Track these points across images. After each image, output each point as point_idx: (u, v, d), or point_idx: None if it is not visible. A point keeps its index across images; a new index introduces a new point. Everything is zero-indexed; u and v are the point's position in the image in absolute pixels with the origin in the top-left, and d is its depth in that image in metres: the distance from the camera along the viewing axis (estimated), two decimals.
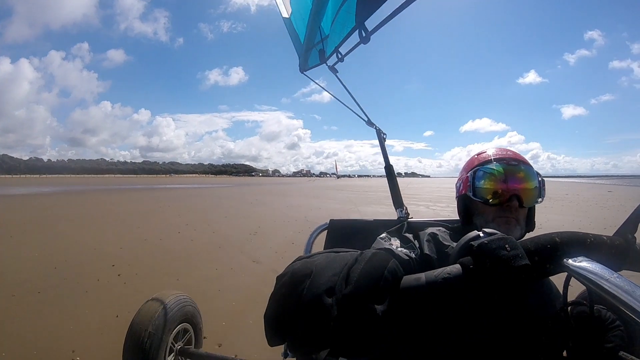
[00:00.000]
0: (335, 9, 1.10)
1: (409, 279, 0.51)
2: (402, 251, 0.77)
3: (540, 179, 0.84)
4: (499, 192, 0.81)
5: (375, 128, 1.56)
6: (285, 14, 1.30)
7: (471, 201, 0.86)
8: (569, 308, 0.64)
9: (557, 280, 0.62)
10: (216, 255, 4.64)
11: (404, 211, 1.46)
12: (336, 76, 1.38)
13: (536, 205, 0.86)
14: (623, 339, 0.69)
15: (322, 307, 0.47)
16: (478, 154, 0.91)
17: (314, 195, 18.53)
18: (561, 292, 0.61)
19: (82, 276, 3.62)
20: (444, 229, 0.86)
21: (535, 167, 0.85)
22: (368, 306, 0.47)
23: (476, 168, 0.85)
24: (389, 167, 1.57)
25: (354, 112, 1.50)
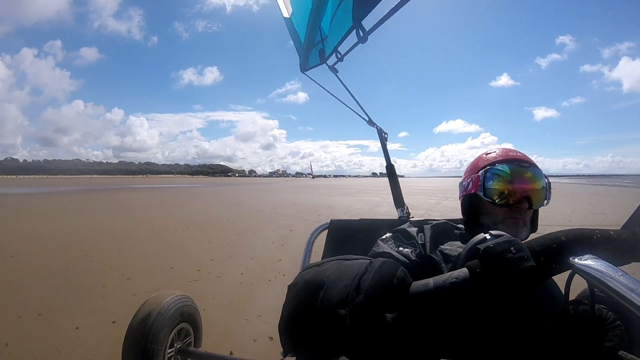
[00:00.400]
0: (334, 8, 1.11)
1: (417, 284, 0.52)
2: (401, 252, 0.79)
3: (547, 181, 0.85)
4: (510, 193, 0.81)
5: (377, 128, 1.56)
6: (286, 14, 1.30)
7: (479, 201, 0.86)
8: (570, 307, 0.64)
9: (560, 279, 0.62)
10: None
11: (405, 210, 1.49)
12: (336, 76, 1.38)
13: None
14: (623, 338, 0.70)
15: (336, 318, 0.48)
16: (486, 154, 0.91)
17: (297, 192, 21.93)
18: (563, 290, 0.61)
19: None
20: (450, 224, 0.88)
21: None
22: (379, 315, 0.48)
23: (487, 168, 0.85)
24: (390, 167, 1.58)
25: (355, 112, 1.50)
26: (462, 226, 0.89)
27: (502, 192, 0.81)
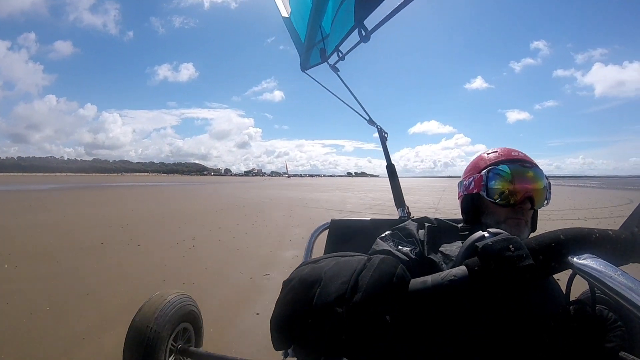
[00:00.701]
0: (335, 8, 1.10)
1: (415, 282, 0.51)
2: (401, 250, 0.78)
3: (548, 181, 0.85)
4: (512, 193, 0.81)
5: (377, 127, 1.56)
6: (284, 14, 1.30)
7: (481, 200, 0.86)
8: (571, 307, 0.64)
9: (562, 279, 0.63)
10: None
11: (405, 210, 1.48)
12: (337, 75, 1.38)
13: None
14: (624, 339, 0.69)
15: (333, 316, 0.47)
16: (488, 153, 0.91)
17: (281, 189, 25.71)
18: (564, 290, 0.61)
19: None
20: (450, 223, 0.88)
21: None
22: (377, 313, 0.47)
23: (490, 167, 0.85)
24: (390, 166, 1.57)
25: (355, 111, 1.50)
26: (462, 225, 0.89)
27: (504, 192, 0.81)
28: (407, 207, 1.51)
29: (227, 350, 2.12)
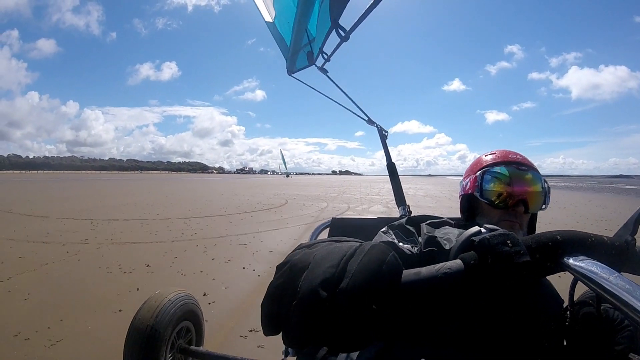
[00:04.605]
0: (318, 11, 1.11)
1: (408, 273, 0.50)
2: (404, 246, 0.76)
3: (546, 185, 0.84)
4: (506, 195, 0.80)
5: (377, 126, 1.56)
6: (268, 18, 1.31)
7: (477, 201, 0.86)
8: (575, 309, 0.62)
9: (564, 280, 0.62)
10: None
11: (406, 209, 1.49)
12: (327, 76, 1.39)
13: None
14: (633, 339, 0.67)
15: (317, 300, 0.45)
16: (486, 154, 0.91)
17: (281, 187, 28.06)
18: (564, 292, 0.60)
19: None
20: (449, 222, 0.85)
21: (463, 167, 0.86)
22: (364, 301, 0.45)
23: (485, 169, 0.85)
24: (391, 165, 1.58)
25: (352, 112, 1.51)
26: (458, 222, 0.88)
27: (499, 194, 0.81)
28: (408, 206, 1.51)
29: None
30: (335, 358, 0.79)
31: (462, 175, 0.98)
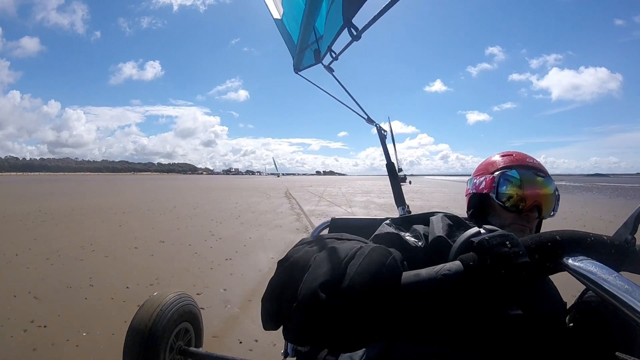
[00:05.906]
0: (328, 8, 1.10)
1: (408, 275, 0.50)
2: (410, 239, 0.74)
3: (557, 193, 0.85)
4: (522, 199, 0.81)
5: (376, 126, 1.55)
6: (276, 15, 1.30)
7: (489, 202, 0.86)
8: (570, 309, 0.63)
9: (564, 280, 0.61)
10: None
11: (406, 209, 1.48)
12: (333, 75, 1.35)
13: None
14: (633, 340, 0.67)
15: (317, 302, 0.46)
16: (502, 155, 0.91)
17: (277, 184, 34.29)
18: (565, 292, 0.60)
19: None
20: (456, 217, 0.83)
21: (446, 166, 0.99)
22: (363, 304, 0.45)
23: (504, 170, 0.85)
24: (390, 165, 1.57)
25: (353, 111, 1.49)
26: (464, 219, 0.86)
27: (515, 198, 0.82)
28: (408, 206, 1.51)
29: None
30: (335, 358, 0.79)
31: (443, 175, 0.94)
